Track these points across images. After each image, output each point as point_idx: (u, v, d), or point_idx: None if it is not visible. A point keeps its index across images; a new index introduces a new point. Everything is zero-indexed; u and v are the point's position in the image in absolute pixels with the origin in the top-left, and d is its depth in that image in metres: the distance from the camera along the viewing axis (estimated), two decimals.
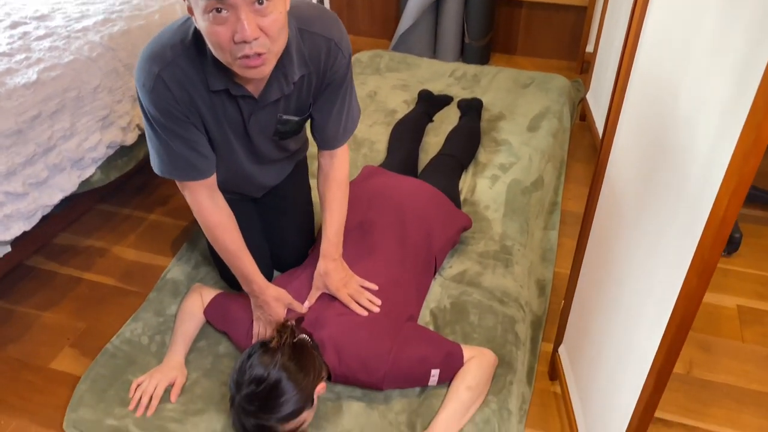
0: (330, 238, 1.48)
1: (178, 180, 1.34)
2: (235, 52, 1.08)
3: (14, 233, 1.50)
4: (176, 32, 1.21)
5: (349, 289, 1.47)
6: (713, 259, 0.78)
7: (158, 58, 1.19)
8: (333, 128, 1.42)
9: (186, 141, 1.27)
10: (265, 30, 1.08)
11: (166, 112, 1.23)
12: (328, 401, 1.42)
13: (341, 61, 1.32)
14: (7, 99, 1.47)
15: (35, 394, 1.52)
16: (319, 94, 1.37)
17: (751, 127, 0.67)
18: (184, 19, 1.23)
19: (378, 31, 3.38)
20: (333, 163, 1.46)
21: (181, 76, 1.20)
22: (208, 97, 1.25)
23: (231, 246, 1.40)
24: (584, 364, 1.32)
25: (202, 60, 1.20)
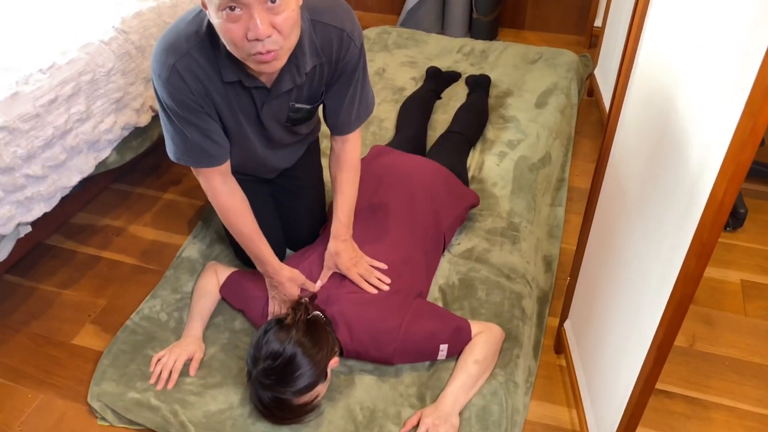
0: (341, 218, 1.52)
1: (192, 166, 1.38)
2: (249, 49, 1.11)
3: (36, 215, 1.55)
4: (190, 23, 1.23)
5: (359, 268, 1.52)
6: (711, 241, 0.81)
7: (173, 49, 1.22)
8: (345, 115, 1.45)
9: (200, 129, 1.31)
10: (278, 27, 1.10)
11: (180, 102, 1.26)
12: (341, 374, 1.47)
13: (353, 51, 1.34)
14: (24, 84, 1.50)
15: (59, 369, 1.58)
16: (332, 83, 1.39)
17: (748, 116, 0.70)
18: (197, 9, 1.25)
19: (386, 6, 3.37)
20: (345, 147, 1.49)
21: (195, 67, 1.23)
22: (222, 88, 1.28)
23: (245, 229, 1.44)
24: (589, 338, 1.37)
25: (216, 52, 1.23)
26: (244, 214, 1.44)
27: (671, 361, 1.56)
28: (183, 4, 1.95)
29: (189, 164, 1.36)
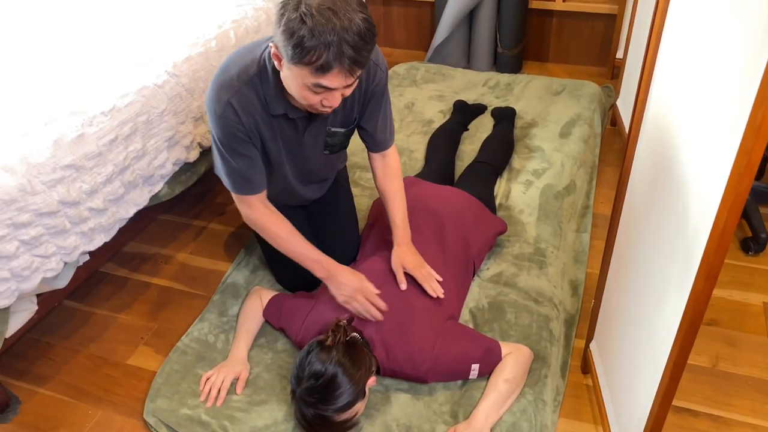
0: (398, 225, 1.66)
1: (237, 193, 1.54)
2: (317, 108, 1.32)
3: (97, 244, 1.69)
4: (241, 64, 1.41)
5: (423, 271, 1.64)
6: (717, 263, 0.90)
7: (227, 87, 1.40)
8: (381, 133, 1.63)
9: (247, 159, 1.48)
10: (345, 95, 1.31)
11: (232, 134, 1.43)
12: (378, 392, 1.57)
13: (380, 75, 1.52)
14: (89, 126, 1.65)
15: (116, 387, 1.71)
16: (365, 107, 1.56)
17: (744, 153, 0.79)
18: (246, 50, 1.43)
19: (414, 43, 3.52)
20: (386, 162, 1.67)
21: (246, 102, 1.40)
22: (268, 120, 1.46)
23: (287, 235, 1.57)
24: (612, 358, 1.44)
25: (265, 88, 1.41)
26: (281, 222, 1.58)
27: (695, 380, 1.62)
28: (228, 49, 2.10)
29: (235, 191, 1.54)
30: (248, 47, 1.46)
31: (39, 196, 1.50)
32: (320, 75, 1.22)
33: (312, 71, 1.22)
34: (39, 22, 2.24)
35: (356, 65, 1.22)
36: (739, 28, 0.84)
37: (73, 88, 1.80)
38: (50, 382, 1.73)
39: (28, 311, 1.64)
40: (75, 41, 2.08)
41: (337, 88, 1.26)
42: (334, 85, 1.24)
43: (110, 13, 2.33)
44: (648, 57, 1.19)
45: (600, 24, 3.13)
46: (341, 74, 1.22)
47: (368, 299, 1.54)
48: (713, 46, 0.93)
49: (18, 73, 1.91)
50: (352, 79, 1.26)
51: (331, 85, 1.24)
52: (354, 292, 1.53)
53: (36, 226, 1.50)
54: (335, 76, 1.23)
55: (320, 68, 1.21)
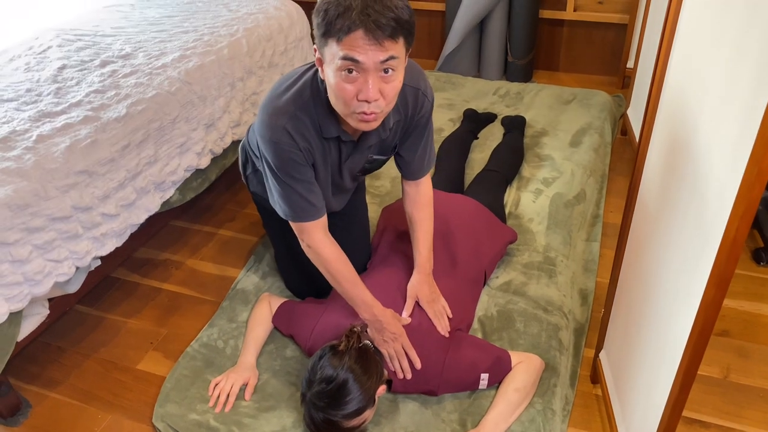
0: (422, 253, 1.64)
1: (296, 221, 1.48)
2: (355, 108, 1.25)
3: (108, 249, 1.70)
4: (293, 87, 1.38)
5: (436, 306, 1.61)
6: (728, 272, 0.89)
7: (283, 112, 1.36)
8: (419, 163, 1.59)
9: (305, 184, 1.43)
10: (384, 94, 1.24)
11: (289, 159, 1.39)
12: (386, 400, 1.57)
13: (427, 106, 1.49)
14: (102, 132, 1.67)
15: (126, 392, 1.72)
16: (407, 136, 1.53)
17: (754, 162, 0.79)
18: (296, 74, 1.41)
19: (424, 52, 3.54)
20: (419, 190, 1.63)
21: (301, 126, 1.37)
22: (320, 143, 1.42)
23: (349, 276, 1.53)
24: (623, 368, 1.44)
25: (318, 110, 1.37)
26: (345, 261, 1.53)
27: (706, 391, 1.61)
28: (240, 57, 2.13)
29: (296, 219, 1.47)
30: (297, 71, 1.43)
31: (52, 201, 1.52)
32: (346, 43, 1.16)
33: (338, 41, 1.17)
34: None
35: (382, 30, 1.15)
36: (751, 38, 0.84)
37: (87, 95, 1.83)
38: (61, 386, 1.74)
39: (39, 315, 1.65)
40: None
41: (367, 63, 1.17)
42: (361, 56, 1.17)
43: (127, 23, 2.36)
44: (658, 66, 1.19)
45: (611, 33, 3.14)
46: (366, 40, 1.16)
47: (405, 350, 1.52)
48: (724, 56, 0.93)
49: (28, 74, 1.94)
50: (381, 51, 1.17)
51: (358, 56, 1.17)
52: (394, 338, 1.51)
53: (49, 231, 1.52)
54: (360, 43, 1.16)
55: (345, 30, 1.15)
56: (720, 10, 0.95)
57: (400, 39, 1.20)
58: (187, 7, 2.47)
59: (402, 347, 1.51)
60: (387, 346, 1.51)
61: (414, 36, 1.25)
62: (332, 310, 1.65)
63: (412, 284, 1.63)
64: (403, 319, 1.57)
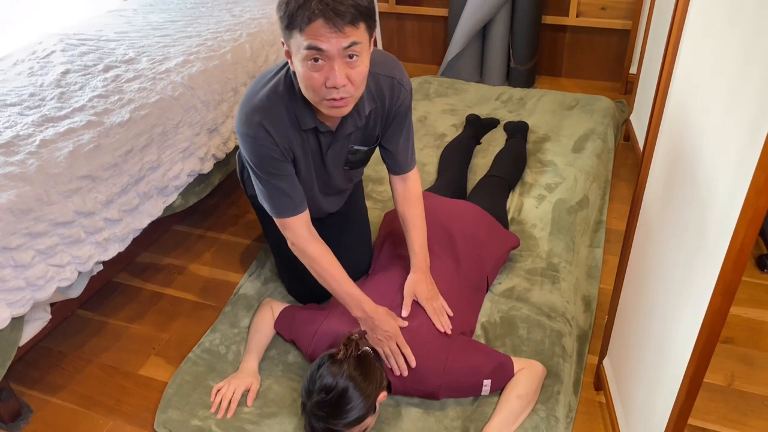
0: (417, 251, 1.64)
1: (279, 217, 1.50)
2: (324, 94, 1.28)
3: (111, 254, 1.70)
4: (268, 84, 1.41)
5: (435, 303, 1.61)
6: (735, 280, 0.89)
7: (258, 108, 1.39)
8: (402, 154, 1.60)
9: (285, 178, 1.46)
10: (352, 79, 1.27)
11: (266, 155, 1.41)
12: (389, 407, 1.56)
13: (404, 95, 1.51)
14: (105, 137, 1.67)
15: (127, 397, 1.71)
16: (387, 126, 1.55)
17: (762, 167, 0.79)
18: (272, 72, 1.43)
19: (427, 57, 3.54)
20: (407, 185, 1.64)
21: (278, 121, 1.40)
22: (298, 135, 1.44)
23: (334, 272, 1.53)
24: (626, 375, 1.43)
25: (293, 103, 1.40)
26: (331, 258, 1.54)
27: (710, 399, 1.60)
28: (243, 62, 2.13)
29: (278, 215, 1.50)
30: (271, 70, 1.46)
31: (55, 206, 1.51)
32: (308, 32, 1.19)
33: (301, 31, 1.20)
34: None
35: (341, 17, 1.18)
36: (756, 44, 0.84)
37: (90, 99, 1.83)
38: (62, 392, 1.74)
39: (41, 320, 1.65)
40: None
41: (331, 50, 1.20)
42: (324, 44, 1.20)
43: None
44: (663, 72, 1.19)
45: (613, 39, 3.14)
46: (327, 28, 1.18)
47: (400, 348, 1.51)
48: (730, 62, 0.92)
49: (33, 80, 1.94)
50: (343, 37, 1.20)
51: (321, 45, 1.19)
52: (388, 336, 1.51)
53: (52, 236, 1.52)
54: (322, 32, 1.19)
55: (305, 20, 1.18)
56: (728, 13, 0.95)
57: (361, 24, 1.23)
58: (191, 12, 2.47)
59: (397, 345, 1.51)
60: (381, 345, 1.51)
61: (375, 21, 1.29)
62: (334, 316, 1.64)
63: (410, 282, 1.63)
64: (402, 322, 1.57)
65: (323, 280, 1.55)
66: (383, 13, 3.43)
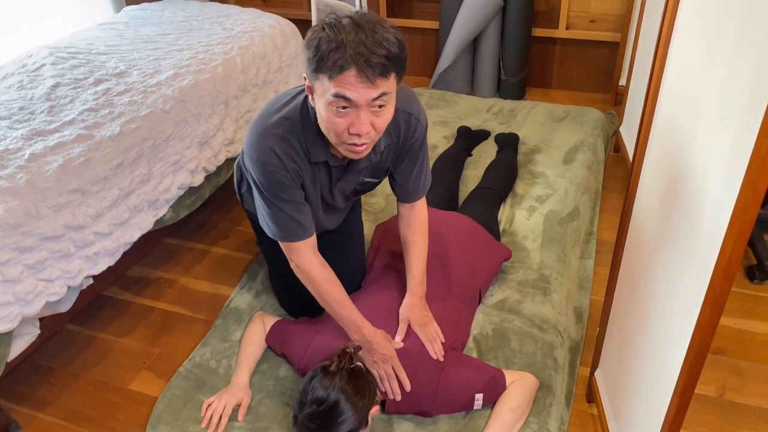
0: (415, 276, 1.63)
1: (285, 241, 1.48)
2: (346, 139, 1.26)
3: (101, 268, 1.69)
4: (283, 110, 1.38)
5: (428, 330, 1.60)
6: (724, 292, 0.89)
7: (271, 134, 1.37)
8: (413, 186, 1.59)
9: (294, 204, 1.43)
10: (375, 126, 1.25)
11: (277, 181, 1.39)
12: (381, 421, 1.55)
13: (420, 130, 1.49)
14: (96, 150, 1.67)
15: (117, 413, 1.69)
16: (401, 159, 1.53)
17: (749, 182, 0.80)
18: (288, 96, 1.41)
19: (418, 69, 3.56)
20: (414, 212, 1.63)
21: (289, 148, 1.37)
22: (308, 166, 1.42)
23: (338, 296, 1.52)
24: (618, 387, 1.43)
25: (306, 134, 1.37)
26: (335, 282, 1.53)
27: (702, 410, 1.60)
28: (234, 75, 2.13)
29: (285, 240, 1.47)
30: (289, 93, 1.43)
31: (44, 221, 1.51)
32: (338, 81, 1.17)
33: (330, 78, 1.17)
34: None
35: (373, 69, 1.16)
36: (742, 57, 0.85)
37: (81, 112, 1.82)
38: (51, 407, 1.72)
39: (30, 335, 1.63)
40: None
41: (359, 101, 1.19)
42: (354, 95, 1.17)
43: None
44: (652, 85, 1.20)
45: (603, 51, 3.16)
46: (359, 79, 1.16)
47: (396, 372, 1.51)
48: (717, 75, 0.93)
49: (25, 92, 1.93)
50: (373, 89, 1.18)
51: (350, 95, 1.17)
52: (384, 360, 1.50)
53: (41, 250, 1.51)
54: (352, 81, 1.16)
55: (337, 69, 1.16)
56: (714, 29, 0.96)
57: (392, 74, 1.21)
58: (182, 25, 2.48)
59: (392, 369, 1.50)
60: (377, 368, 1.50)
61: (406, 68, 1.26)
62: (326, 330, 1.64)
63: (404, 307, 1.62)
64: (395, 342, 1.56)
65: (325, 302, 1.53)
66: None
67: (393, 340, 1.56)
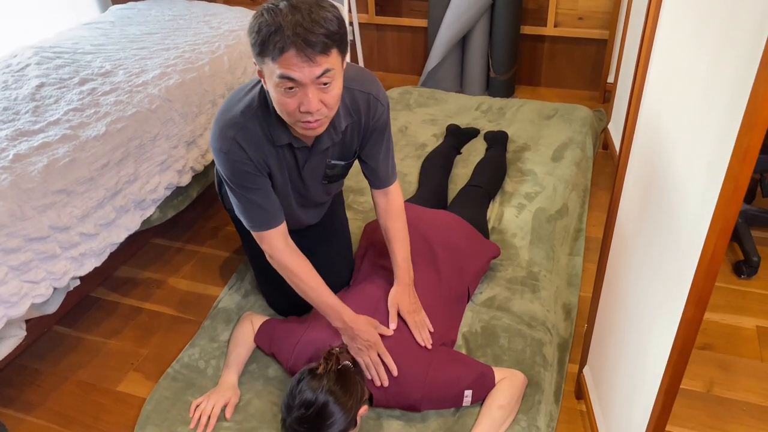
0: (400, 264, 1.64)
1: (256, 230, 1.50)
2: (299, 117, 1.29)
3: (87, 269, 1.68)
4: (243, 99, 1.41)
5: (416, 317, 1.60)
6: (707, 289, 0.89)
7: (232, 124, 1.39)
8: (383, 168, 1.60)
9: (261, 192, 1.46)
10: (325, 102, 1.28)
11: (242, 171, 1.42)
12: (370, 420, 1.55)
13: (381, 110, 1.51)
14: (81, 151, 1.66)
15: (105, 414, 1.68)
16: (365, 141, 1.55)
17: (731, 178, 0.80)
18: (247, 86, 1.44)
19: (407, 67, 3.55)
20: (389, 199, 1.64)
21: (252, 136, 1.40)
22: (273, 150, 1.44)
23: (313, 283, 1.53)
24: (606, 383, 1.43)
25: (268, 119, 1.40)
26: (308, 269, 1.53)
27: (690, 405, 1.61)
28: (221, 74, 2.12)
29: (255, 228, 1.50)
30: (246, 85, 1.46)
31: (29, 222, 1.49)
32: (281, 62, 1.20)
33: (273, 60, 1.21)
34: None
35: (310, 47, 1.18)
36: (724, 54, 0.85)
37: (66, 113, 1.81)
38: (38, 410, 1.71)
39: (16, 337, 1.62)
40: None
41: (304, 80, 1.21)
42: (297, 74, 1.20)
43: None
44: (636, 82, 1.20)
45: (591, 49, 3.17)
46: (300, 58, 1.19)
47: (381, 357, 1.51)
48: (700, 73, 0.94)
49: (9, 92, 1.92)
50: (316, 67, 1.21)
51: (294, 75, 1.20)
52: (368, 346, 1.50)
53: (25, 252, 1.49)
54: (294, 61, 1.19)
55: (278, 51, 1.19)
56: (696, 27, 0.96)
57: (333, 51, 1.24)
58: (169, 24, 2.46)
59: (378, 355, 1.50)
60: (362, 355, 1.50)
61: (347, 43, 1.29)
62: (314, 328, 1.63)
63: (393, 295, 1.63)
64: (385, 329, 1.56)
65: (302, 291, 1.54)
66: (363, 24, 3.44)
67: (379, 325, 1.56)
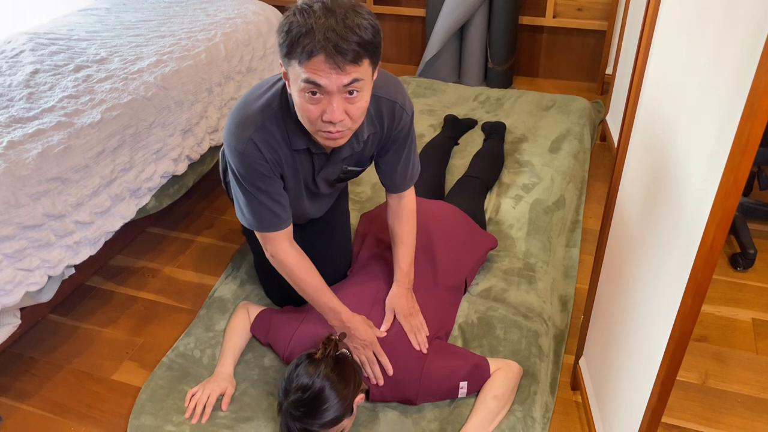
0: (402, 268, 1.62)
1: (262, 231, 1.47)
2: (321, 127, 1.24)
3: (82, 257, 1.67)
4: (263, 97, 1.36)
5: (413, 321, 1.59)
6: (705, 280, 0.89)
7: (249, 122, 1.34)
8: (401, 176, 1.57)
9: (271, 195, 1.41)
10: (350, 114, 1.23)
11: (255, 170, 1.37)
12: (366, 409, 1.55)
13: (405, 119, 1.47)
14: (76, 138, 1.64)
15: (100, 403, 1.68)
16: (387, 149, 1.51)
17: (731, 169, 0.79)
18: (268, 83, 1.39)
19: (405, 57, 3.53)
20: (402, 203, 1.61)
21: (269, 137, 1.35)
22: (289, 154, 1.40)
23: (314, 283, 1.51)
24: (602, 375, 1.43)
25: (286, 122, 1.35)
26: (311, 269, 1.52)
27: (685, 397, 1.61)
28: (217, 62, 2.10)
29: (261, 230, 1.46)
30: (268, 81, 1.40)
31: (23, 209, 1.48)
32: (308, 66, 1.15)
33: (300, 63, 1.16)
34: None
35: (341, 54, 1.13)
36: (725, 45, 0.84)
37: (61, 99, 1.79)
38: (33, 398, 1.70)
39: (11, 325, 1.61)
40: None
41: (329, 87, 1.17)
42: (323, 80, 1.15)
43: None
44: (636, 73, 1.20)
45: (590, 40, 3.16)
46: (328, 65, 1.14)
47: (377, 357, 1.50)
48: (700, 63, 0.93)
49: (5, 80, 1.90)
50: (344, 75, 1.16)
51: (320, 81, 1.15)
52: (365, 345, 1.50)
53: (20, 239, 1.48)
54: (322, 67, 1.14)
55: (306, 54, 1.13)
56: (697, 18, 0.95)
57: (364, 61, 1.19)
58: (165, 11, 2.44)
59: (374, 354, 1.50)
60: (358, 353, 1.50)
61: (380, 53, 1.23)
62: (311, 319, 1.63)
63: (391, 297, 1.62)
64: (378, 330, 1.56)
65: (301, 290, 1.53)
66: None
67: (374, 326, 1.56)
